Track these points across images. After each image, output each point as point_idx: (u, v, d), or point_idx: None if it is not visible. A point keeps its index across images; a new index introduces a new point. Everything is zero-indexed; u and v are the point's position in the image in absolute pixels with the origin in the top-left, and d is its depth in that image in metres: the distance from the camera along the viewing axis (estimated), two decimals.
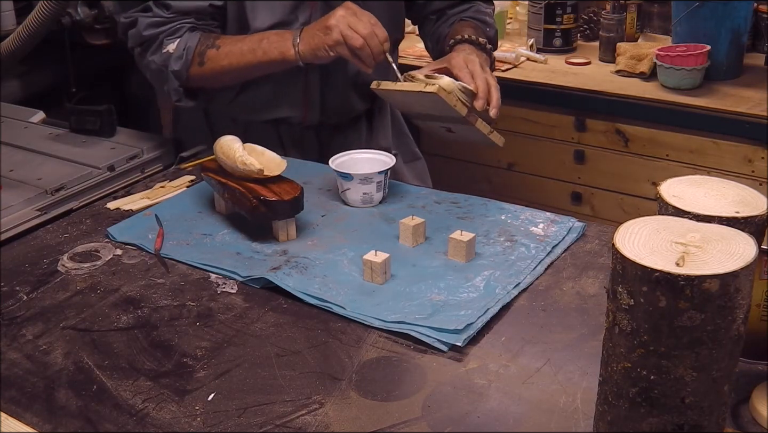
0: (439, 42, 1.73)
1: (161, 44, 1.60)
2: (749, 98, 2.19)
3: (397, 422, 0.95)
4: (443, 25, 1.75)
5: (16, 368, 1.07)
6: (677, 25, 2.37)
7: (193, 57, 1.59)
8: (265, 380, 1.03)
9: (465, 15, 1.73)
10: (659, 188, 0.94)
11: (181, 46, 1.59)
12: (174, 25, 1.60)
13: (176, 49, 1.59)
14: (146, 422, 0.97)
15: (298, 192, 1.34)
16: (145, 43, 1.62)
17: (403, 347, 1.09)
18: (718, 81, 2.30)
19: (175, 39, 1.59)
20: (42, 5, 2.02)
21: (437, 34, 1.76)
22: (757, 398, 0.94)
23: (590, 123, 2.37)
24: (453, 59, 1.51)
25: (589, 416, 0.93)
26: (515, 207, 1.45)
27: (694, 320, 0.75)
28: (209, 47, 1.59)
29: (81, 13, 2.32)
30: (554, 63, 2.56)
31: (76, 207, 1.52)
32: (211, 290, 1.23)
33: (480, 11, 1.74)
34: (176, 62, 1.59)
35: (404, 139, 1.88)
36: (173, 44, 1.59)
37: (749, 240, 0.78)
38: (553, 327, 1.12)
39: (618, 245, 0.78)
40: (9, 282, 1.27)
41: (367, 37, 1.46)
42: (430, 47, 1.83)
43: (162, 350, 1.10)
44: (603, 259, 1.28)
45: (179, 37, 1.59)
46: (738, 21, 2.30)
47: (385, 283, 1.22)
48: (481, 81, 1.46)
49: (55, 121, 1.94)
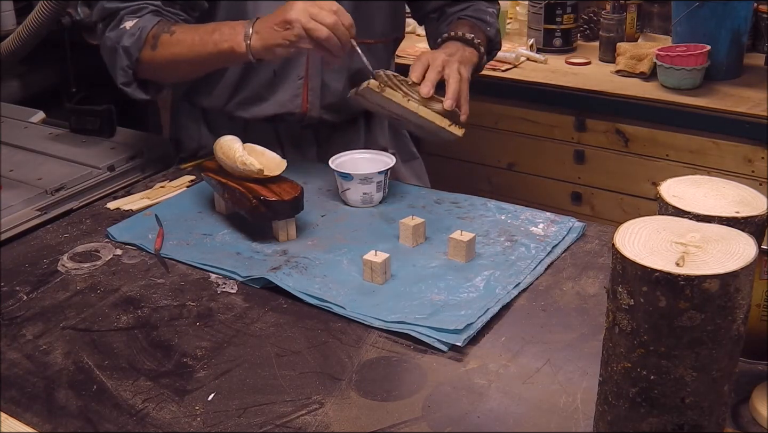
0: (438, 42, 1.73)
1: (120, 20, 1.53)
2: (749, 98, 2.19)
3: (397, 422, 0.95)
4: (443, 24, 1.75)
5: (16, 368, 1.07)
6: (677, 25, 2.37)
7: (147, 38, 1.50)
8: (265, 380, 1.03)
9: (464, 14, 1.73)
10: (659, 188, 0.94)
11: (138, 25, 1.52)
12: (138, 4, 1.54)
13: (132, 26, 1.52)
14: (146, 422, 0.97)
15: (298, 192, 1.34)
16: (106, 18, 1.55)
17: (403, 347, 1.09)
18: (718, 81, 2.30)
19: (134, 18, 1.53)
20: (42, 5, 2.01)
21: (438, 33, 1.75)
22: (757, 398, 0.94)
23: (590, 123, 2.37)
24: (420, 55, 1.50)
25: (589, 416, 0.93)
26: (515, 207, 1.45)
27: (694, 320, 0.75)
28: (164, 32, 1.50)
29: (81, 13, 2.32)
30: (554, 63, 2.55)
31: (76, 207, 1.52)
32: (211, 290, 1.23)
33: (480, 10, 1.73)
34: (128, 39, 1.51)
35: (401, 138, 1.88)
36: (131, 22, 1.52)
37: (749, 240, 0.78)
38: (553, 327, 1.12)
39: (618, 245, 0.78)
40: (9, 282, 1.27)
41: (332, 27, 1.36)
42: (433, 48, 1.82)
43: (162, 350, 1.10)
44: (603, 259, 1.28)
45: (139, 17, 1.53)
46: (738, 21, 2.30)
47: (385, 283, 1.22)
48: (432, 73, 1.43)
49: (55, 121, 1.94)
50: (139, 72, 1.55)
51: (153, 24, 1.51)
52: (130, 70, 1.54)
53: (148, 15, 1.54)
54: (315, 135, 1.74)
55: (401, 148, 1.86)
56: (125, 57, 1.52)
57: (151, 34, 1.50)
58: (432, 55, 1.50)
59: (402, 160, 1.82)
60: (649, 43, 2.47)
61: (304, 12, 1.36)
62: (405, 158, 1.85)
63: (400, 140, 1.87)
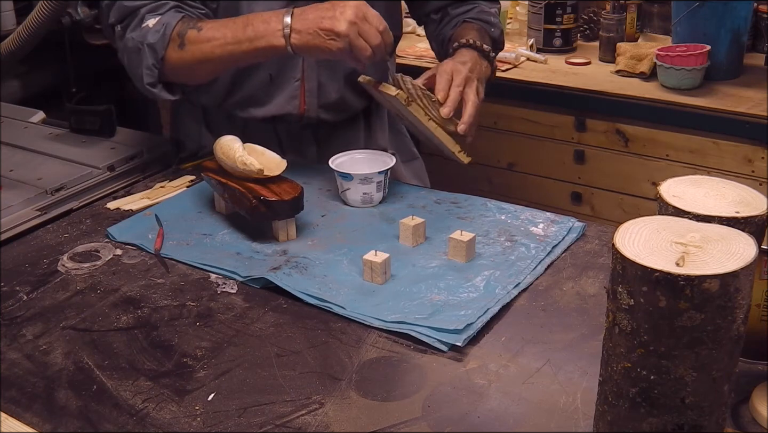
0: (444, 45, 1.71)
1: (142, 19, 1.48)
2: (749, 98, 2.19)
3: (397, 422, 0.95)
4: (447, 27, 1.73)
5: (16, 368, 1.07)
6: (677, 25, 2.37)
7: (172, 36, 1.44)
8: (265, 380, 1.03)
9: (468, 16, 1.71)
10: (659, 188, 0.94)
11: (162, 22, 1.47)
12: (158, 2, 1.50)
13: (156, 24, 1.47)
14: (146, 422, 0.97)
15: (298, 192, 1.34)
16: (126, 18, 1.50)
17: (403, 347, 1.09)
18: (718, 81, 2.30)
19: (156, 15, 1.48)
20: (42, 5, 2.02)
21: (441, 36, 1.74)
22: (757, 398, 0.94)
23: (590, 123, 2.37)
24: (442, 65, 1.49)
25: (589, 416, 0.93)
26: (515, 207, 1.45)
27: (694, 320, 0.75)
28: (190, 28, 1.45)
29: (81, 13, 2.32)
30: (554, 63, 2.55)
31: (76, 207, 1.52)
32: (211, 290, 1.23)
33: (484, 11, 1.72)
34: (153, 35, 1.45)
35: (402, 138, 1.88)
36: (153, 20, 1.46)
37: (749, 240, 0.78)
38: (553, 327, 1.12)
39: (618, 245, 0.78)
40: (9, 282, 1.27)
41: (375, 48, 1.36)
42: (436, 50, 1.81)
43: (162, 350, 1.10)
44: (603, 259, 1.28)
45: (161, 14, 1.48)
46: (738, 21, 2.30)
47: (385, 283, 1.22)
48: (455, 93, 1.43)
49: (55, 121, 1.94)
50: (164, 74, 1.50)
51: (177, 20, 1.46)
52: (156, 69, 1.48)
53: (170, 11, 1.49)
54: (314, 135, 1.73)
55: (401, 148, 1.85)
56: (151, 55, 1.46)
57: (176, 32, 1.45)
58: (455, 69, 1.48)
59: (402, 160, 1.82)
60: (649, 43, 2.47)
61: (354, 28, 1.33)
62: (405, 158, 1.85)
63: (401, 140, 1.87)
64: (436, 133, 1.44)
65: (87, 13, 2.33)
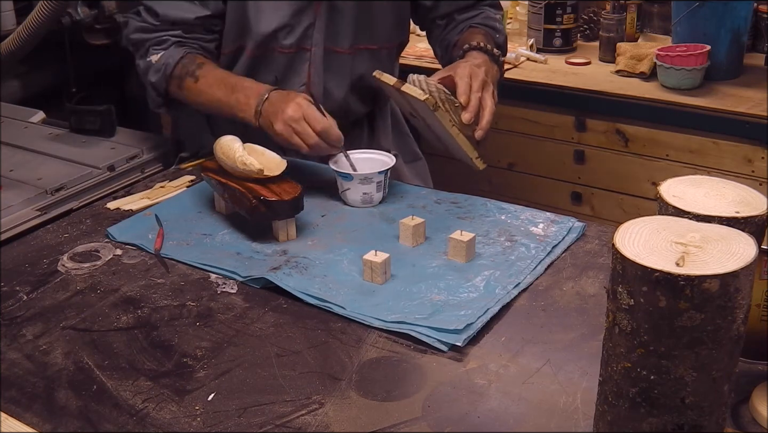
0: (449, 49, 1.70)
1: (147, 51, 1.61)
2: (749, 98, 2.19)
3: (397, 422, 0.95)
4: (452, 32, 1.72)
5: (16, 368, 1.07)
6: (677, 25, 2.37)
7: (172, 75, 1.58)
8: (265, 380, 1.03)
9: (474, 21, 1.70)
10: (659, 188, 0.94)
11: (162, 61, 1.59)
12: (161, 35, 1.60)
13: (157, 60, 1.60)
14: (146, 422, 0.97)
15: (298, 192, 1.34)
16: (134, 46, 1.64)
17: (403, 347, 1.09)
18: (718, 81, 2.30)
19: (160, 51, 1.60)
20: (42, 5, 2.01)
21: (446, 41, 1.73)
22: (757, 398, 0.94)
23: (590, 123, 2.37)
24: (459, 67, 1.48)
25: (589, 416, 0.93)
26: (515, 207, 1.45)
27: (694, 320, 0.75)
28: (189, 75, 1.58)
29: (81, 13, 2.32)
30: (554, 63, 2.55)
31: (76, 207, 1.52)
32: (211, 290, 1.23)
33: (489, 17, 1.72)
34: (154, 74, 1.60)
35: (405, 139, 1.87)
36: (157, 55, 1.60)
37: (749, 240, 0.78)
38: (553, 327, 1.12)
39: (618, 245, 0.78)
40: (9, 282, 1.27)
41: (312, 147, 1.43)
42: (439, 54, 1.79)
43: (162, 350, 1.10)
44: (603, 259, 1.28)
45: (164, 50, 1.60)
46: (738, 21, 2.30)
47: (385, 283, 1.22)
48: (475, 98, 1.44)
49: (55, 121, 1.94)
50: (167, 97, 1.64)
51: (177, 59, 1.58)
52: (159, 99, 1.64)
53: (171, 48, 1.60)
54: None
55: (405, 149, 1.85)
56: (153, 92, 1.63)
57: (175, 75, 1.59)
58: (473, 72, 1.48)
59: (405, 161, 1.82)
60: (649, 43, 2.48)
61: (287, 128, 1.42)
62: (408, 159, 1.85)
63: (404, 141, 1.87)
64: (458, 139, 1.44)
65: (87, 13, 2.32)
